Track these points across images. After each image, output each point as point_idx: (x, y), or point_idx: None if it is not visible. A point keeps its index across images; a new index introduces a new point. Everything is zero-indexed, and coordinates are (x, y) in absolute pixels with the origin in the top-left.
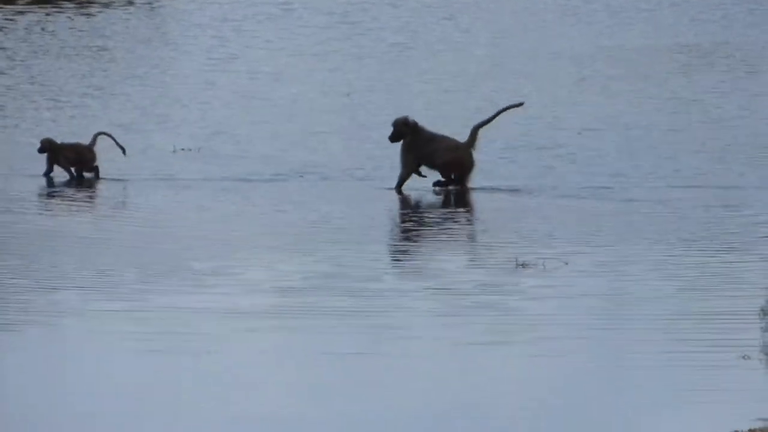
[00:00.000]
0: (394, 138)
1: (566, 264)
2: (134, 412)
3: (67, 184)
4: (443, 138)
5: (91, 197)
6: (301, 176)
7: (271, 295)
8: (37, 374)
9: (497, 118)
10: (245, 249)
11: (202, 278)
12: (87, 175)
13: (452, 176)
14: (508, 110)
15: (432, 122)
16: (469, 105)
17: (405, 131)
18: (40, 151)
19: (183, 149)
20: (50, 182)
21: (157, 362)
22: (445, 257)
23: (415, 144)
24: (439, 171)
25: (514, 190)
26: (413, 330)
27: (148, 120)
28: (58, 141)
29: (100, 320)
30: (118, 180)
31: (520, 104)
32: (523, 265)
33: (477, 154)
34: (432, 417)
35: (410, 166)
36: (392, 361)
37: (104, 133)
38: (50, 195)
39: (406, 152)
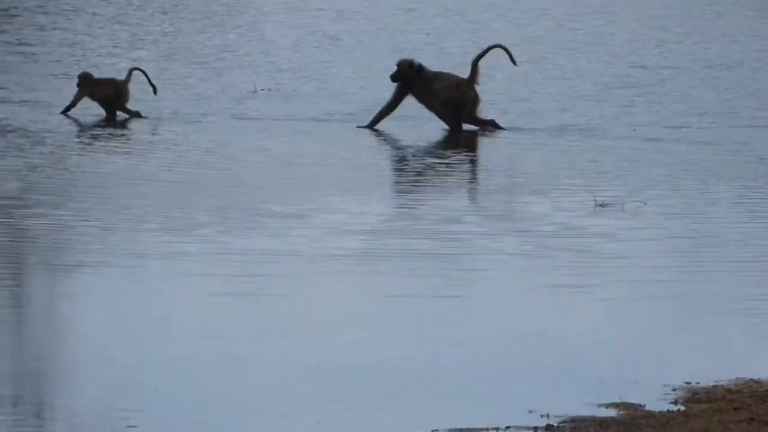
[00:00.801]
0: (394, 77)
1: (645, 204)
2: (212, 356)
3: (123, 123)
4: (448, 76)
5: (164, 138)
6: None
7: (350, 237)
8: (115, 317)
9: (491, 51)
10: (324, 191)
11: (280, 221)
12: (119, 114)
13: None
14: (504, 50)
15: (507, 62)
16: (547, 42)
17: (410, 74)
18: (78, 85)
19: (263, 89)
20: (110, 122)
21: (235, 305)
22: (523, 198)
23: (425, 87)
24: (439, 110)
25: (590, 130)
26: (495, 272)
27: (229, 59)
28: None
29: (178, 263)
30: (196, 121)
31: (514, 64)
32: (602, 206)
33: (479, 89)
34: (515, 359)
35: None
36: (474, 303)
37: (138, 69)
38: (121, 136)
39: (428, 99)
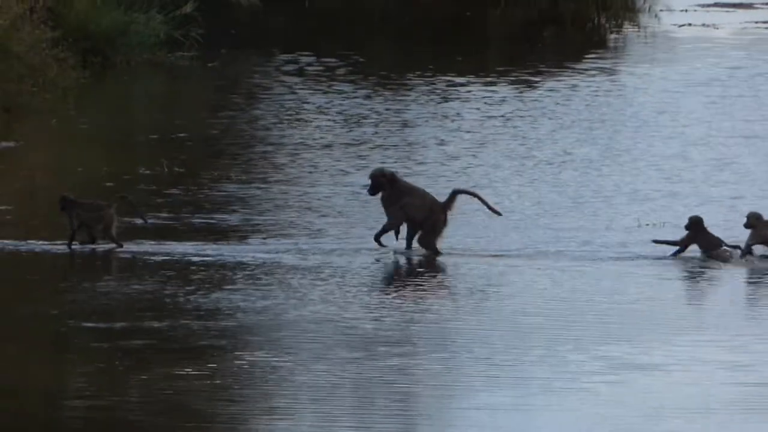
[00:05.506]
0: (372, 190)
1: None
2: None
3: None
4: (423, 194)
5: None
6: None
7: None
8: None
9: (476, 198)
10: (681, 331)
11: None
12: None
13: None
14: (485, 205)
15: None
16: None
17: (382, 182)
18: (61, 208)
19: (648, 224)
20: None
21: None
22: None
23: (393, 196)
24: (410, 226)
25: None
26: None
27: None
28: (75, 197)
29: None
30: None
31: (498, 214)
32: None
33: (451, 216)
34: None
35: (397, 218)
36: None
37: (125, 197)
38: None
39: (387, 205)
